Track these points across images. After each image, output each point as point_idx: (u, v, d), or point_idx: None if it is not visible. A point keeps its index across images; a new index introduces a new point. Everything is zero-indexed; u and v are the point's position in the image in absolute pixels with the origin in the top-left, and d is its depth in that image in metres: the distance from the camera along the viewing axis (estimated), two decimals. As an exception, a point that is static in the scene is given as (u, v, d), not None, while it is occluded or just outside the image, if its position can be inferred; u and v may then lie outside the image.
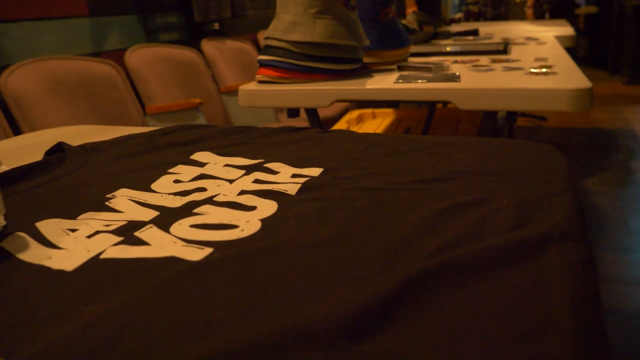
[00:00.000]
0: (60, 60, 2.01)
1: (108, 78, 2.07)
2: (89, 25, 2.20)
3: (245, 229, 0.46)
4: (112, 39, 2.29)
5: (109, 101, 2.03)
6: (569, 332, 0.29)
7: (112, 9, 2.31)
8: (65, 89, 1.94)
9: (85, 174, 0.65)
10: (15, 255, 0.44)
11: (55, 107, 1.88)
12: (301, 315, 0.32)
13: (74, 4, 2.13)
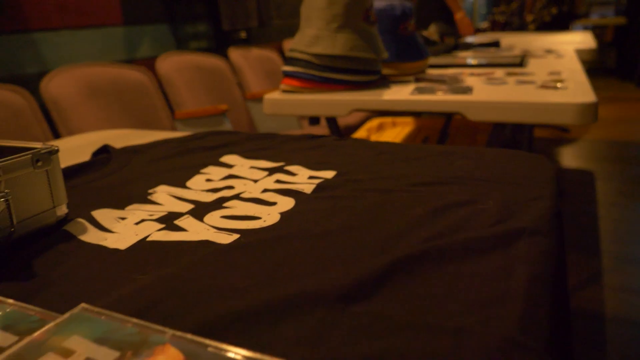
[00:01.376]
0: (95, 67, 2.14)
1: (140, 84, 2.20)
2: (123, 33, 2.34)
3: (267, 220, 0.55)
4: (145, 47, 2.43)
5: (140, 106, 2.16)
6: (520, 302, 0.38)
7: (145, 18, 2.44)
8: (100, 94, 2.07)
9: (129, 172, 0.75)
10: (78, 237, 0.54)
11: (90, 111, 2.01)
12: (308, 285, 0.41)
13: (109, 14, 2.27)
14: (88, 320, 0.33)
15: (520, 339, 0.33)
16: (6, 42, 1.88)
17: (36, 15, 1.98)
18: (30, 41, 1.97)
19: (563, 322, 0.45)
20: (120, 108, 2.09)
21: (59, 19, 2.07)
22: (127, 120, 2.08)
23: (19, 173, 0.52)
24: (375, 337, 0.35)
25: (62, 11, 2.08)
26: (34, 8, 1.97)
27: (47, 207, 0.55)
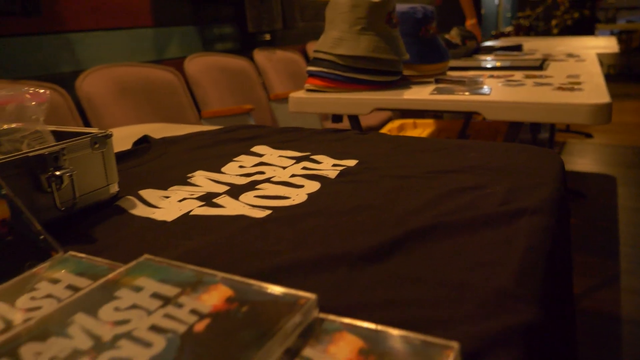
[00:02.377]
0: (126, 67, 2.24)
1: (169, 84, 2.29)
2: (153, 35, 2.44)
3: (295, 200, 0.62)
4: (173, 48, 2.52)
5: (168, 105, 2.25)
6: (516, 265, 0.44)
7: (174, 20, 2.54)
8: (131, 93, 2.16)
9: (168, 159, 0.83)
10: (129, 211, 0.62)
11: (121, 109, 2.11)
12: (333, 249, 0.47)
13: (140, 16, 2.37)
14: (152, 267, 0.41)
15: (513, 291, 0.40)
16: (45, 42, 1.99)
17: (72, 17, 2.09)
18: (67, 42, 2.08)
19: (563, 290, 0.51)
20: (150, 106, 2.19)
21: (93, 20, 2.18)
22: (156, 118, 2.17)
23: (79, 153, 0.60)
24: (390, 288, 0.41)
25: (95, 13, 2.19)
26: (70, 10, 2.08)
27: (102, 184, 0.63)
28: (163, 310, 0.34)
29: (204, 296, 0.36)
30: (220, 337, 0.31)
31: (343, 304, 0.39)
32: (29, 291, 0.40)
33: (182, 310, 0.34)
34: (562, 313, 0.53)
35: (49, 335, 0.32)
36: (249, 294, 0.36)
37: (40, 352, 0.31)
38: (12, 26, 1.87)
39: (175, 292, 0.37)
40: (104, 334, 0.32)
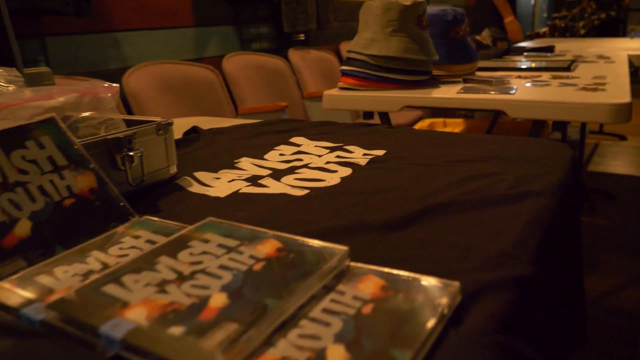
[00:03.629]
0: (169, 65, 2.37)
1: (208, 81, 2.42)
2: (194, 34, 2.57)
3: (330, 182, 0.72)
4: (212, 47, 2.65)
5: (207, 101, 2.37)
6: (516, 234, 0.52)
7: (213, 21, 2.67)
8: (172, 89, 2.29)
9: (215, 148, 0.93)
10: (186, 189, 0.72)
11: (163, 103, 2.24)
12: (361, 219, 0.56)
13: (182, 16, 2.50)
14: (215, 226, 0.50)
15: (511, 252, 0.48)
16: (95, 40, 2.13)
17: (119, 17, 2.23)
18: (114, 40, 2.22)
19: (566, 258, 0.59)
20: (190, 102, 2.31)
21: (138, 20, 2.32)
22: (195, 113, 2.30)
23: (147, 138, 0.70)
24: (408, 249, 0.50)
25: (141, 14, 2.32)
26: (117, 11, 2.22)
27: (164, 165, 0.73)
28: (227, 256, 0.44)
29: (259, 247, 0.46)
30: (273, 274, 0.41)
31: (369, 260, 0.48)
32: (117, 243, 0.51)
33: (243, 255, 0.44)
34: (562, 275, 0.61)
35: (142, 270, 0.42)
36: (294, 246, 0.46)
37: (137, 280, 0.41)
38: (66, 25, 2.02)
39: (236, 243, 0.46)
40: (184, 270, 0.42)
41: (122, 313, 0.36)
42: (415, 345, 0.33)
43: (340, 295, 0.40)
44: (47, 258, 0.48)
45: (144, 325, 0.35)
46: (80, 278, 0.44)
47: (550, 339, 0.62)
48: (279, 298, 0.37)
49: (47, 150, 0.56)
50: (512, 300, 0.42)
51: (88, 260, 0.47)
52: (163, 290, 0.39)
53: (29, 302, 0.41)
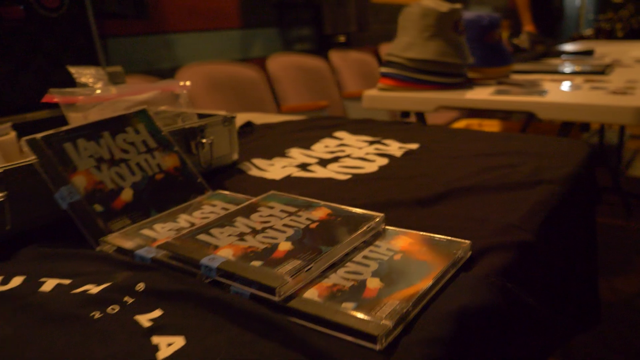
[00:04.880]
0: (216, 65, 2.54)
1: (252, 80, 2.57)
2: (240, 36, 2.73)
3: (369, 169, 0.84)
4: (257, 48, 2.81)
5: (252, 99, 2.53)
6: (523, 213, 0.63)
7: (258, 23, 2.82)
8: (220, 88, 2.45)
9: (268, 140, 1.07)
10: (246, 172, 0.86)
11: (212, 101, 2.40)
12: (395, 197, 0.69)
13: (230, 19, 2.67)
14: (277, 197, 0.63)
15: (517, 224, 0.59)
16: (150, 41, 2.31)
17: (172, 20, 2.41)
18: (167, 41, 2.40)
19: (580, 246, 0.70)
20: (236, 100, 2.47)
21: (189, 23, 2.49)
22: (241, 110, 2.45)
23: (214, 128, 0.84)
24: (433, 220, 0.62)
25: (192, 16, 2.49)
26: (170, 14, 2.39)
27: (228, 152, 0.87)
28: (289, 218, 0.57)
29: (313, 212, 0.58)
30: (325, 230, 0.54)
31: (401, 228, 0.60)
32: (198, 209, 0.64)
33: (301, 218, 0.57)
34: (572, 254, 0.72)
35: (224, 225, 0.56)
36: (341, 212, 0.58)
37: (222, 232, 0.54)
38: (125, 28, 2.20)
39: (295, 210, 0.59)
40: (256, 226, 0.55)
41: (215, 252, 0.50)
42: (432, 279, 0.46)
43: (376, 247, 0.52)
44: (145, 219, 0.62)
45: (232, 260, 0.48)
46: (175, 232, 0.58)
47: (559, 307, 0.73)
48: (330, 245, 0.50)
49: (142, 135, 0.70)
50: (513, 258, 0.53)
51: (178, 220, 0.61)
52: (242, 239, 0.52)
53: (139, 247, 0.55)
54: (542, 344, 0.63)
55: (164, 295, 0.46)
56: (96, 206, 0.60)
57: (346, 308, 0.42)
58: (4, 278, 0.52)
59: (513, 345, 0.52)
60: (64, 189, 0.59)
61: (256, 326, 0.41)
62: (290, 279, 0.44)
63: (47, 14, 0.98)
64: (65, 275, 0.51)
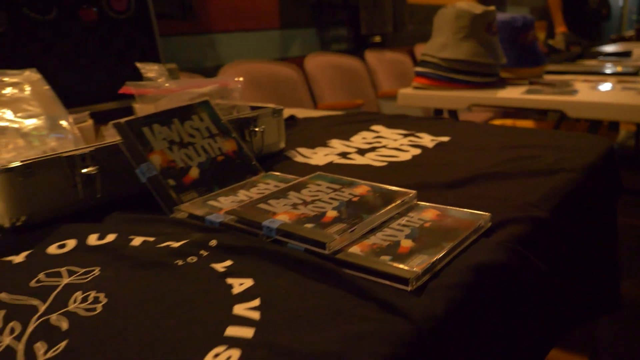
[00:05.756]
0: (256, 63, 2.66)
1: (291, 79, 2.69)
2: (279, 36, 2.85)
3: (403, 158, 0.93)
4: (295, 47, 2.92)
5: (290, 97, 2.64)
6: (541, 194, 0.72)
7: (297, 23, 2.94)
8: (259, 85, 2.58)
9: (310, 131, 1.17)
10: (292, 159, 0.96)
11: (252, 99, 2.52)
12: (428, 180, 0.78)
13: (270, 19, 2.79)
14: (323, 176, 0.74)
15: (534, 203, 0.68)
16: (196, 41, 2.45)
17: (216, 21, 2.54)
18: (211, 41, 2.53)
19: (599, 231, 0.78)
20: (275, 97, 2.59)
21: (232, 23, 2.62)
22: (279, 108, 2.57)
23: (265, 119, 0.95)
24: (459, 199, 0.71)
25: (234, 17, 2.62)
26: (215, 15, 2.53)
27: (276, 140, 0.98)
28: (334, 193, 0.67)
29: (355, 189, 0.68)
30: (366, 203, 0.63)
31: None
32: (254, 187, 0.75)
33: (344, 193, 0.67)
34: (589, 237, 0.80)
35: (279, 197, 0.66)
36: (379, 189, 0.68)
37: (278, 202, 0.64)
38: (174, 28, 2.34)
39: (339, 187, 0.69)
40: (306, 199, 0.65)
41: (274, 217, 0.60)
42: (455, 241, 0.55)
43: (409, 217, 0.62)
44: (209, 193, 0.73)
45: (289, 222, 0.58)
46: (237, 203, 0.68)
47: (575, 285, 0.81)
48: (369, 214, 0.60)
49: (205, 122, 0.81)
50: (528, 230, 0.62)
51: (238, 194, 0.72)
52: (295, 207, 0.63)
53: (208, 214, 0.66)
54: (558, 314, 0.71)
55: (233, 249, 0.57)
56: (169, 181, 0.71)
57: (384, 259, 0.51)
58: (99, 235, 0.63)
59: (528, 305, 0.61)
60: (143, 166, 0.71)
61: (310, 272, 0.51)
62: (337, 236, 0.54)
63: (116, 16, 1.11)
64: (149, 234, 0.63)
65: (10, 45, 0.96)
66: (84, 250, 0.61)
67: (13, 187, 0.65)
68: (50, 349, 0.42)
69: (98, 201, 0.71)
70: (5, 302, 0.50)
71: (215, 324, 0.44)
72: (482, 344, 0.53)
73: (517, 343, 0.61)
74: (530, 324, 0.64)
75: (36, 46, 0.99)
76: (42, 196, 0.67)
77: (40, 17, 1.00)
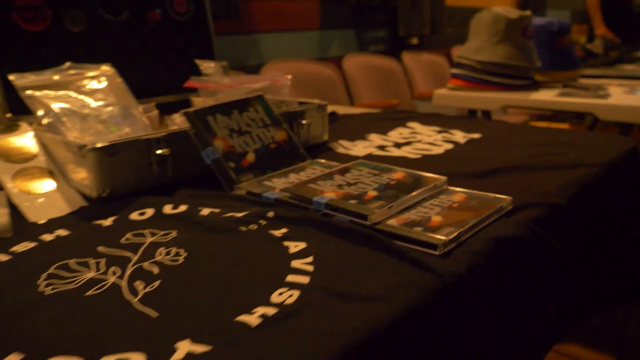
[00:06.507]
0: (296, 62, 2.78)
1: (329, 78, 2.80)
2: (318, 36, 2.96)
3: (436, 152, 1.03)
4: (334, 48, 3.03)
5: (328, 96, 2.75)
6: (560, 185, 0.80)
7: (336, 24, 3.04)
8: (299, 84, 2.69)
9: (350, 126, 1.27)
10: (334, 150, 1.07)
11: (291, 96, 2.64)
12: (456, 170, 0.87)
13: (310, 20, 2.90)
14: (364, 163, 0.84)
15: (553, 192, 0.77)
16: (241, 41, 2.58)
17: (259, 21, 2.67)
18: (254, 41, 2.66)
19: (621, 223, 0.86)
20: (313, 96, 2.69)
21: (273, 24, 2.74)
22: (317, 106, 2.68)
23: (311, 113, 1.06)
24: (486, 186, 0.80)
25: (276, 18, 2.75)
26: (258, 15, 2.66)
27: (320, 133, 1.08)
28: (374, 177, 0.77)
29: (392, 174, 0.78)
30: (402, 185, 0.73)
31: (459, 191, 0.79)
32: (303, 171, 0.85)
33: (383, 177, 0.77)
34: (610, 227, 0.88)
35: (326, 180, 0.76)
36: (414, 175, 0.78)
37: (325, 183, 0.75)
38: (220, 27, 2.47)
39: (378, 172, 0.79)
40: (350, 181, 0.76)
41: (322, 194, 0.70)
42: (479, 217, 0.64)
43: (439, 199, 0.71)
44: (263, 175, 0.84)
45: (335, 199, 0.69)
46: (289, 184, 0.79)
47: (594, 271, 0.89)
48: (405, 194, 0.70)
49: (259, 114, 0.92)
50: (546, 214, 0.71)
51: (289, 177, 0.83)
52: (340, 187, 0.73)
53: (264, 191, 0.77)
54: (572, 296, 0.79)
55: (288, 219, 0.68)
56: (230, 163, 0.83)
57: (416, 230, 0.61)
58: (173, 205, 0.75)
59: (544, 283, 0.70)
60: (208, 149, 0.82)
61: (354, 238, 0.61)
62: (377, 210, 0.64)
63: (177, 18, 1.23)
64: (215, 207, 0.74)
65: (88, 42, 1.09)
66: (161, 217, 0.72)
67: (101, 163, 0.77)
68: (148, 286, 0.54)
69: (169, 179, 0.83)
70: (103, 253, 0.62)
71: (277, 273, 0.55)
72: (498, 308, 0.62)
73: (531, 317, 0.70)
74: (545, 302, 0.73)
75: (109, 44, 1.13)
76: (124, 172, 0.79)
77: (113, 18, 1.13)
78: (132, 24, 1.15)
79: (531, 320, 0.70)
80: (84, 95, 0.96)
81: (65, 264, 0.60)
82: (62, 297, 0.53)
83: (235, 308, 0.48)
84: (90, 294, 0.53)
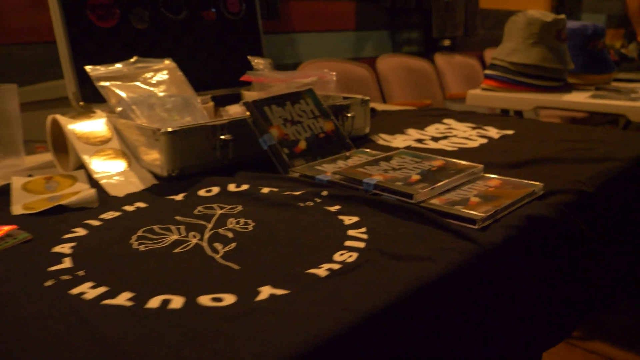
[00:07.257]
0: (332, 62, 2.87)
1: (363, 78, 2.88)
2: (354, 37, 3.05)
3: (471, 145, 1.10)
4: (368, 48, 3.12)
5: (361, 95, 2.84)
6: (586, 175, 0.87)
7: (371, 25, 3.13)
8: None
9: (388, 122, 1.36)
10: (375, 142, 1.15)
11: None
12: (490, 161, 0.95)
13: (346, 21, 3.00)
14: (406, 152, 0.92)
15: (582, 181, 0.84)
16: (279, 40, 2.69)
17: (296, 21, 2.77)
18: (291, 40, 2.77)
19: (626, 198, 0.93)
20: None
21: (310, 24, 2.84)
22: (351, 105, 2.77)
23: (354, 107, 1.14)
24: (519, 176, 0.88)
25: (313, 18, 2.85)
26: (295, 16, 2.76)
27: (362, 126, 1.17)
28: (416, 164, 0.86)
29: (433, 162, 0.87)
30: (442, 170, 0.82)
31: (494, 179, 0.87)
32: (349, 159, 0.94)
33: (424, 164, 0.85)
34: (631, 214, 0.95)
35: (372, 165, 0.85)
36: (452, 163, 0.86)
37: (372, 168, 0.84)
38: (259, 27, 2.58)
39: (420, 160, 0.88)
40: (394, 166, 0.84)
41: (370, 176, 0.79)
42: (514, 199, 0.72)
43: (477, 184, 0.80)
44: (314, 161, 0.93)
45: (382, 181, 0.77)
46: (338, 168, 0.88)
47: (620, 257, 0.96)
48: (446, 178, 0.78)
49: (310, 106, 1.02)
50: (574, 200, 0.79)
51: (337, 163, 0.92)
52: (386, 172, 0.82)
53: (317, 174, 0.86)
54: (599, 280, 0.87)
55: (340, 198, 0.77)
56: (284, 149, 0.92)
57: (457, 207, 0.70)
58: (236, 184, 0.85)
59: (571, 263, 0.77)
60: (265, 136, 0.92)
61: (401, 213, 0.70)
62: (421, 190, 0.73)
63: (231, 17, 1.33)
64: (273, 186, 0.83)
65: (151, 39, 1.20)
66: (227, 194, 0.82)
67: (172, 146, 0.87)
68: (226, 246, 0.63)
69: (230, 162, 0.93)
70: (181, 221, 0.72)
71: (336, 239, 0.64)
72: (529, 278, 0.70)
73: (560, 289, 0.77)
74: (572, 281, 0.80)
75: (169, 40, 1.23)
76: (191, 154, 0.89)
77: (173, 17, 1.24)
78: (189, 23, 1.26)
79: (559, 293, 0.77)
80: (149, 86, 1.07)
81: (150, 229, 0.70)
82: (154, 253, 0.63)
83: (304, 264, 0.58)
84: (178, 251, 0.63)
